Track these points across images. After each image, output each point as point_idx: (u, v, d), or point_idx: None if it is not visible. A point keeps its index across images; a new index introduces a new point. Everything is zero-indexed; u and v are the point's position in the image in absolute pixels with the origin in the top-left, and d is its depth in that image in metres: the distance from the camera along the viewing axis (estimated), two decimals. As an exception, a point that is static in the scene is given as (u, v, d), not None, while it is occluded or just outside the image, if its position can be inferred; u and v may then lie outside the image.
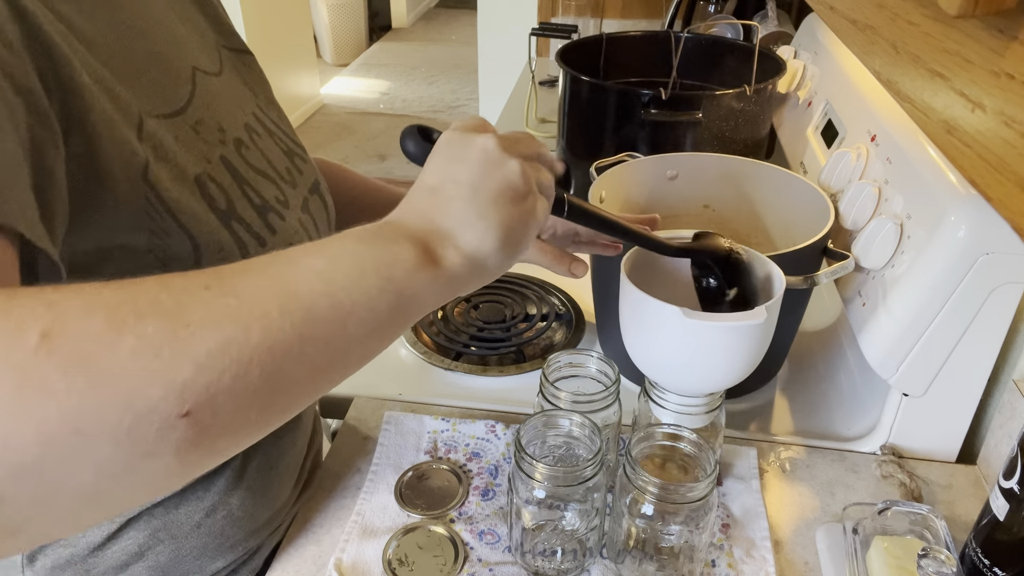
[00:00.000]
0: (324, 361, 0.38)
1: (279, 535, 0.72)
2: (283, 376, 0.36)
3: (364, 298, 0.39)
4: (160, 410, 0.31)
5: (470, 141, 0.47)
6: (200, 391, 0.32)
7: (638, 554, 0.65)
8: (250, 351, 0.34)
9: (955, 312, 0.70)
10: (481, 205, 0.45)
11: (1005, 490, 0.62)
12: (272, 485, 0.68)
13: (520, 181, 0.47)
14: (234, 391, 0.33)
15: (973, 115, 0.42)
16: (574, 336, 0.97)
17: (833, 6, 0.71)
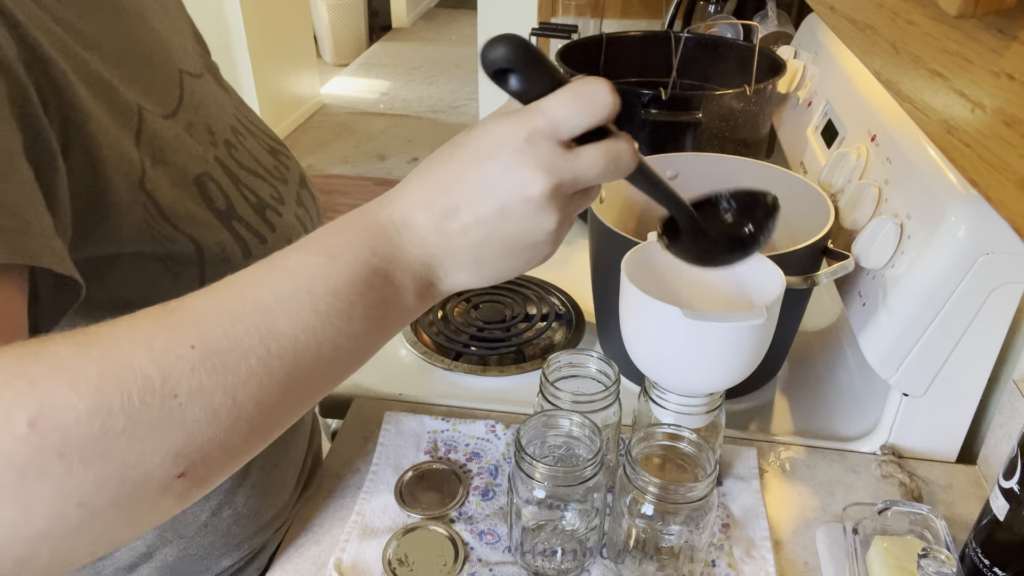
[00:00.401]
0: (307, 399, 0.39)
1: (283, 533, 0.72)
2: (270, 422, 0.37)
3: (351, 344, 0.39)
4: (156, 477, 0.33)
5: (523, 177, 0.39)
6: (193, 454, 0.34)
7: (638, 554, 0.65)
8: (238, 412, 0.35)
9: (955, 312, 0.70)
10: (487, 256, 0.41)
11: (1005, 490, 0.62)
12: (275, 483, 0.68)
13: (545, 239, 0.42)
14: (225, 445, 0.35)
15: (973, 115, 0.42)
16: (574, 336, 0.97)
17: (833, 6, 0.71)
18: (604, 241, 0.82)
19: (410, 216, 0.41)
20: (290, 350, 0.36)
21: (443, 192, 0.40)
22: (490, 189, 0.40)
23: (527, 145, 0.39)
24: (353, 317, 0.38)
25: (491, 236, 0.40)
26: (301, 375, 0.37)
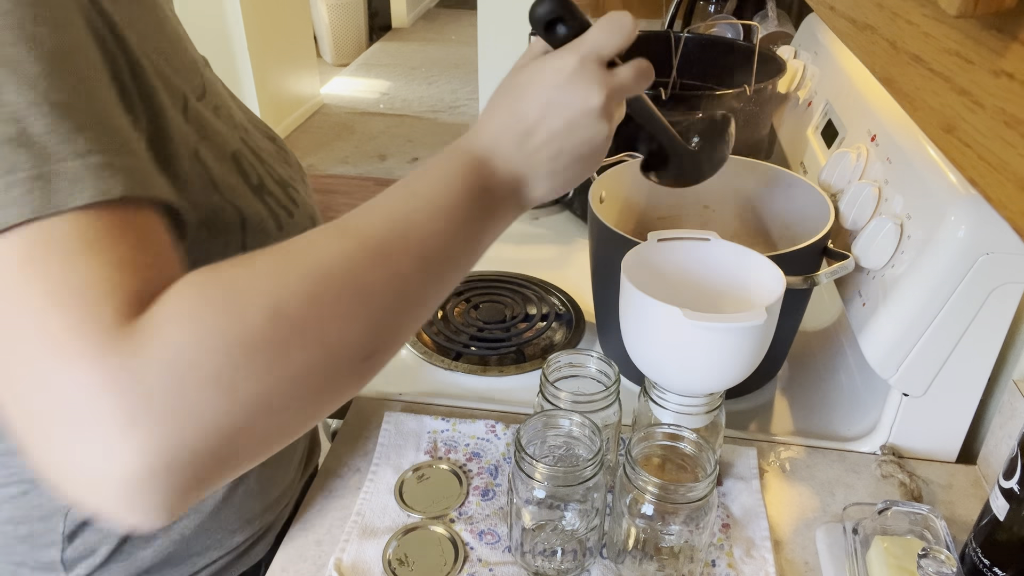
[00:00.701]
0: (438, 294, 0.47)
1: (287, 513, 0.75)
2: (420, 310, 0.46)
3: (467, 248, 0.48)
4: (353, 358, 0.41)
5: (584, 94, 0.49)
6: (377, 342, 0.42)
7: (638, 554, 0.65)
8: (405, 305, 0.44)
9: (955, 312, 0.70)
10: (561, 165, 0.51)
11: (1005, 490, 0.62)
12: (281, 463, 0.72)
13: (602, 144, 0.52)
14: (396, 332, 0.44)
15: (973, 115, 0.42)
16: (574, 336, 0.97)
17: (833, 6, 0.71)
18: (604, 241, 0.82)
19: (495, 143, 0.50)
20: (432, 250, 0.45)
21: (518, 119, 0.50)
22: (557, 108, 0.49)
23: (580, 68, 0.49)
24: (469, 225, 0.47)
25: (563, 148, 0.50)
26: (439, 272, 0.45)
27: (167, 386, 0.34)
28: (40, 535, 0.60)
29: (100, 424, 0.33)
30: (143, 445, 0.34)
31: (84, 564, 0.62)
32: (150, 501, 0.34)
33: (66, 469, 0.35)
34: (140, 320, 0.35)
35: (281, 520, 0.75)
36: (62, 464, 0.34)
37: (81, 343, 0.34)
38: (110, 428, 0.33)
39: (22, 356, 0.34)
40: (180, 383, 0.34)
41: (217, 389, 0.35)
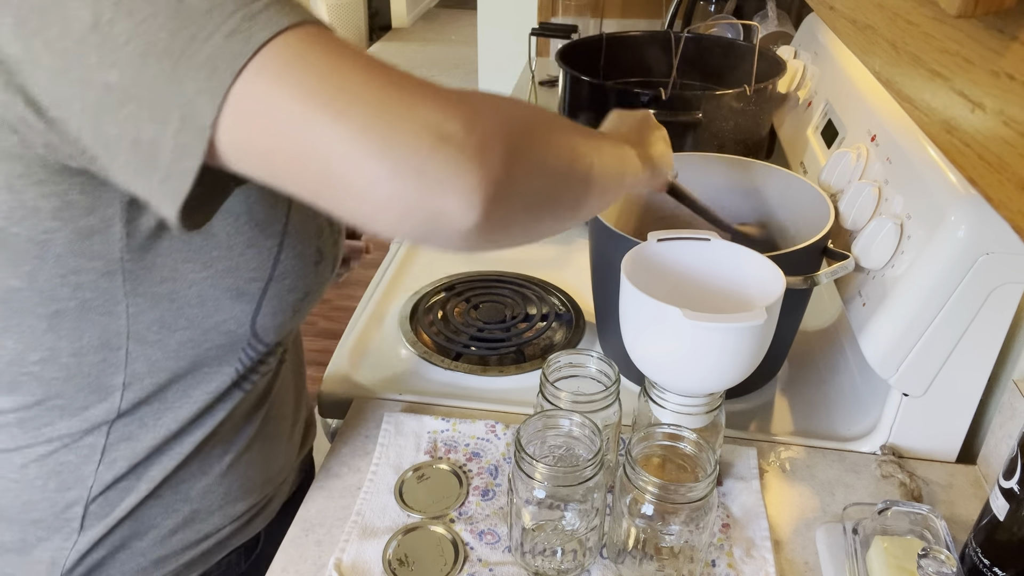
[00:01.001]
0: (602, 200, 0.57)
1: (285, 489, 0.78)
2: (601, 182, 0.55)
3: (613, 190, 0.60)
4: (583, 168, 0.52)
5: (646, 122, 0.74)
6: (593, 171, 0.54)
7: (638, 554, 0.65)
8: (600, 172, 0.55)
9: (955, 312, 0.70)
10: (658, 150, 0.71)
11: (1005, 490, 0.62)
12: (280, 436, 0.74)
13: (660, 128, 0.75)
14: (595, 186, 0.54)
15: (973, 115, 0.42)
16: (574, 336, 0.97)
17: (833, 6, 0.71)
18: (604, 241, 0.82)
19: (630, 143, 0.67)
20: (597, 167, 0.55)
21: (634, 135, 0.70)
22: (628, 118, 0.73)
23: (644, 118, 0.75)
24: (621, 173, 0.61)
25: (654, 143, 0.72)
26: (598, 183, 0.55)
27: (493, 116, 0.43)
28: (66, 492, 0.62)
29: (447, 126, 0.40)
30: (478, 138, 0.41)
31: (101, 524, 0.63)
32: (477, 176, 0.41)
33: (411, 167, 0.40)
34: (459, 92, 0.44)
35: (279, 496, 0.77)
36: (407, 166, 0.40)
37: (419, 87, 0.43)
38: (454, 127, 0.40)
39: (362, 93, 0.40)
40: (497, 108, 0.44)
41: (519, 122, 0.45)
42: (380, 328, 0.99)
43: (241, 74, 0.39)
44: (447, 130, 0.40)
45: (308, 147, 0.39)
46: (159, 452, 0.63)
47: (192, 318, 0.58)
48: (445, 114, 0.41)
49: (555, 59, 1.22)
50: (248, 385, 0.66)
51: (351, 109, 0.39)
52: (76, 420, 0.59)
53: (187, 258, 0.55)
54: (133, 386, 0.59)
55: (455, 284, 1.07)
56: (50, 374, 0.57)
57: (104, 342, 0.57)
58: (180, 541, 0.67)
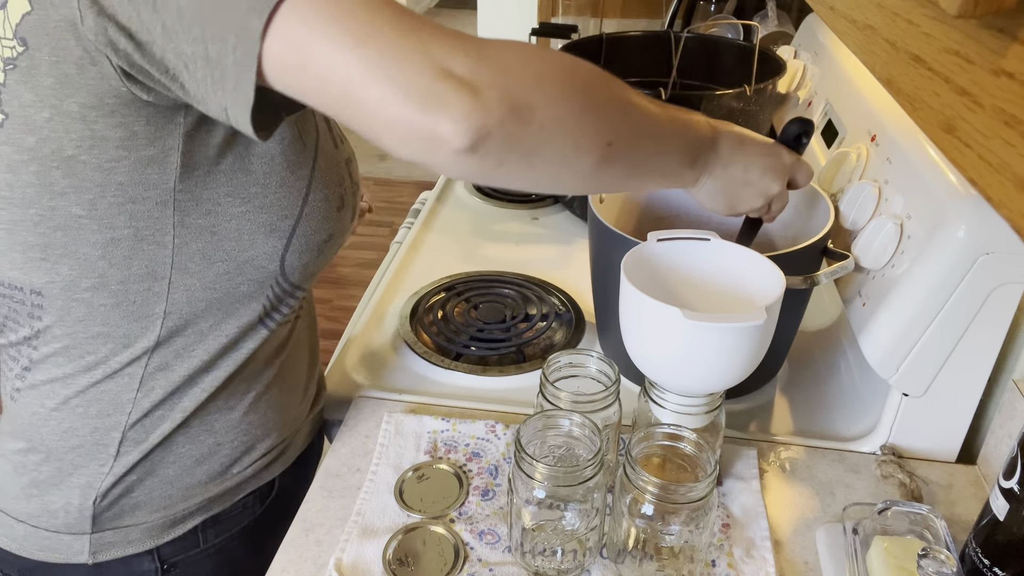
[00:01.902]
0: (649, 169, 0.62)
1: (300, 439, 0.81)
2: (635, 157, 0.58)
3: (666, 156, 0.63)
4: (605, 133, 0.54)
5: (778, 178, 0.70)
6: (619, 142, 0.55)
7: (638, 554, 0.65)
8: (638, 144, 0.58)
9: (955, 312, 0.70)
10: (726, 195, 0.69)
11: (1005, 490, 0.62)
12: (294, 388, 0.78)
13: (751, 207, 0.71)
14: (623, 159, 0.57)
15: (973, 115, 0.42)
16: (574, 336, 0.97)
17: (833, 6, 0.71)
18: (604, 241, 0.82)
19: (722, 143, 0.67)
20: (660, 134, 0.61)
21: (739, 149, 0.68)
22: (757, 170, 0.69)
23: (786, 170, 0.71)
24: (679, 146, 0.63)
25: (736, 186, 0.69)
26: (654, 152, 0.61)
27: (502, 60, 0.48)
28: (106, 419, 0.65)
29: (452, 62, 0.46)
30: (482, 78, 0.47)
31: (136, 450, 0.67)
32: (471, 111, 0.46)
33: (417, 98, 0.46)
34: (479, 39, 0.48)
35: (294, 446, 0.80)
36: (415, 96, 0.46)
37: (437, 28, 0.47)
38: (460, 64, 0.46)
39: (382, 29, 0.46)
40: (509, 58, 0.48)
41: (529, 73, 0.49)
42: (380, 328, 0.99)
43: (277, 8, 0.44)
44: (453, 69, 0.46)
45: (332, 68, 0.45)
46: (191, 383, 0.67)
47: (229, 251, 0.63)
48: (456, 57, 0.46)
49: (555, 59, 1.22)
50: (272, 323, 0.69)
51: (371, 40, 0.45)
52: (119, 348, 0.63)
53: (229, 192, 0.60)
54: (172, 315, 0.63)
55: (455, 284, 1.07)
56: (99, 300, 0.61)
57: (151, 271, 0.61)
58: (204, 473, 0.71)
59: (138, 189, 0.57)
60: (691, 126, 0.64)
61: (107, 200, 0.57)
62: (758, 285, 0.69)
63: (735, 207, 0.70)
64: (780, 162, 0.70)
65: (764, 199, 0.70)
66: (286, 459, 0.79)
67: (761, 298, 0.68)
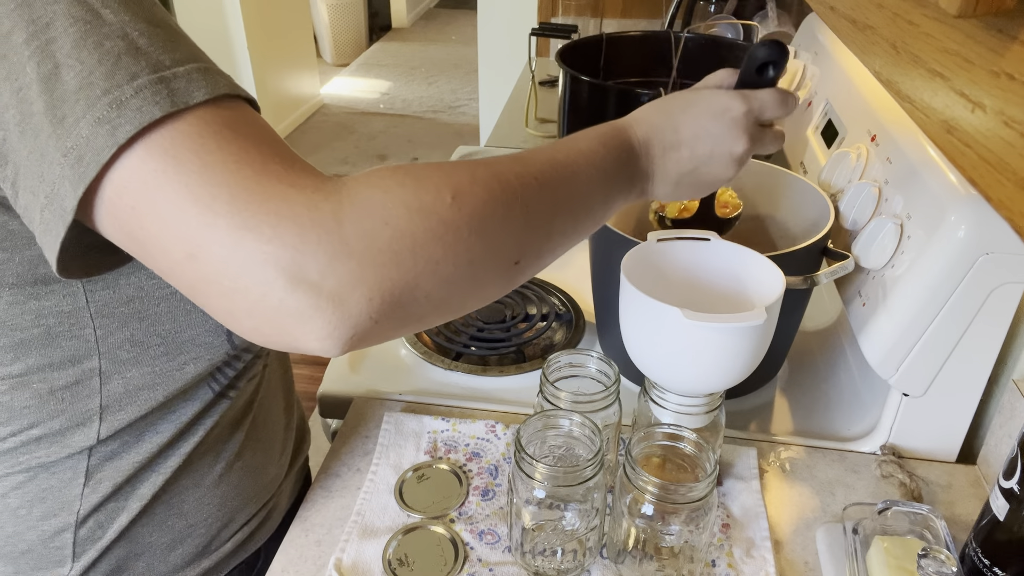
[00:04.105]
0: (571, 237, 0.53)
1: (284, 500, 0.77)
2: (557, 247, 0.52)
3: (598, 210, 0.55)
4: (508, 257, 0.46)
5: (736, 139, 0.59)
6: (529, 250, 0.48)
7: (638, 554, 0.65)
8: (550, 231, 0.50)
9: (955, 312, 0.70)
10: (688, 185, 0.60)
11: (1005, 490, 0.62)
12: (271, 446, 0.73)
13: (723, 183, 0.61)
14: (539, 252, 0.50)
15: (973, 115, 0.42)
16: (574, 336, 0.97)
17: (833, 6, 0.71)
18: (604, 241, 0.82)
19: (648, 140, 0.58)
20: (576, 197, 0.52)
21: (673, 130, 0.58)
22: (709, 138, 0.58)
23: (743, 116, 0.59)
24: (606, 191, 0.55)
25: (695, 170, 0.59)
26: (576, 216, 0.52)
27: (364, 237, 0.39)
28: (52, 519, 0.60)
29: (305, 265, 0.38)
30: (340, 281, 0.39)
31: (93, 548, 0.62)
32: (336, 324, 0.40)
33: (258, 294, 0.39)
34: (336, 183, 0.41)
35: (278, 510, 0.76)
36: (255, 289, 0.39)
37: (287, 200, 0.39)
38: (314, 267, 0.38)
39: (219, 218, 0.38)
40: (374, 234, 0.40)
41: (401, 245, 0.40)
42: (380, 328, 0.99)
43: (105, 169, 0.39)
44: (307, 271, 0.38)
45: (174, 263, 0.40)
46: (147, 468, 0.62)
47: (165, 334, 0.57)
48: (308, 250, 0.38)
49: (555, 59, 1.22)
50: (233, 393, 0.65)
51: (209, 239, 0.38)
52: (56, 447, 0.58)
53: (151, 275, 0.54)
54: (111, 408, 0.58)
55: (455, 284, 1.07)
56: (21, 402, 0.56)
57: (75, 365, 0.56)
58: (180, 557, 0.66)
59: (36, 287, 0.52)
60: (606, 150, 0.55)
61: (3, 302, 0.52)
62: (758, 285, 0.69)
63: (704, 190, 0.62)
64: (729, 118, 0.59)
65: (733, 166, 0.60)
66: (270, 525, 0.75)
67: (761, 298, 0.68)
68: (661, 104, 0.60)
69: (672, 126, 0.58)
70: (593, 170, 0.53)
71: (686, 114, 0.59)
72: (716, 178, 0.60)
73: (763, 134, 0.61)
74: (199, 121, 0.40)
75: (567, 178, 0.51)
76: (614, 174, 0.55)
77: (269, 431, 0.72)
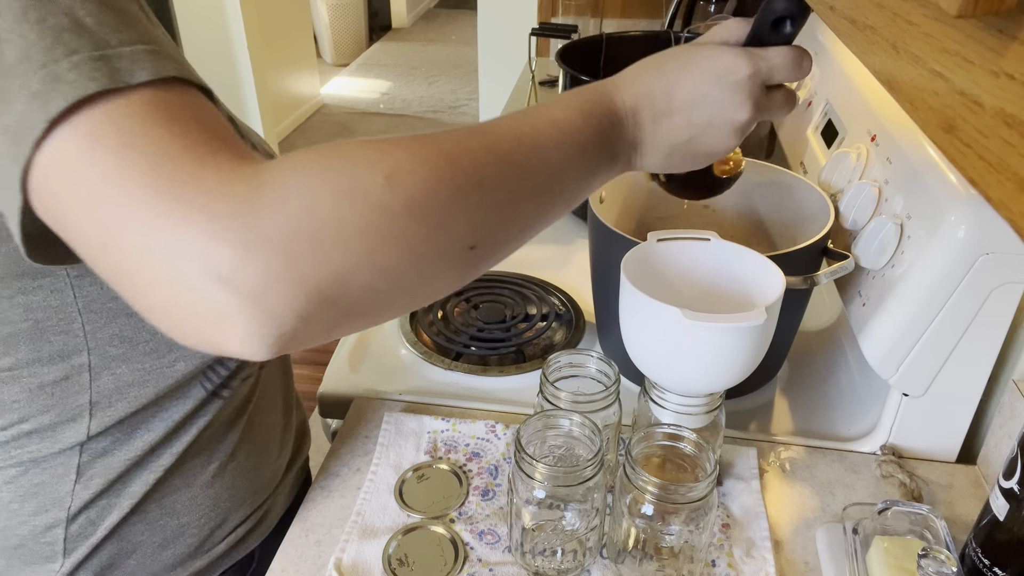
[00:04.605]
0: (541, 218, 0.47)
1: (281, 500, 0.76)
2: (522, 230, 0.46)
3: (576, 184, 0.49)
4: (460, 242, 0.41)
5: (742, 104, 0.52)
6: (486, 234, 0.42)
7: (638, 554, 0.65)
8: (514, 213, 0.44)
9: (955, 312, 0.70)
10: (682, 155, 0.54)
11: (1005, 490, 0.62)
12: (269, 446, 0.73)
13: (723, 153, 0.55)
14: (497, 236, 0.43)
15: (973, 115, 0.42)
16: (574, 336, 0.97)
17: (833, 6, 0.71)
18: (604, 241, 0.82)
19: (636, 106, 0.52)
20: (546, 174, 0.46)
21: (666, 95, 0.52)
22: (708, 104, 0.51)
23: (749, 79, 0.52)
24: (583, 167, 0.49)
25: (690, 140, 0.53)
26: (546, 196, 0.47)
27: (283, 225, 0.35)
28: (43, 514, 0.60)
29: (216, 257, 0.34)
30: (256, 274, 0.35)
31: (84, 545, 0.62)
32: (256, 323, 0.36)
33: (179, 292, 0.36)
34: (259, 167, 0.37)
35: (274, 511, 0.75)
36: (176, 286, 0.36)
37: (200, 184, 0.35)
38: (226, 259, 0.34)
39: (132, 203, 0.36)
40: (294, 221, 0.35)
41: (326, 234, 0.36)
42: (380, 328, 0.99)
43: (40, 144, 0.37)
44: (220, 266, 0.34)
45: (93, 251, 0.38)
46: (138, 466, 0.61)
47: (153, 330, 0.56)
48: (214, 237, 0.34)
49: (555, 59, 1.22)
50: (227, 392, 0.64)
51: (120, 227, 0.36)
52: (47, 442, 0.58)
53: None
54: (101, 404, 0.57)
55: (455, 284, 1.07)
56: (11, 397, 0.56)
57: (64, 362, 0.55)
58: (172, 557, 0.66)
59: (23, 281, 0.51)
60: (584, 120, 0.49)
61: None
62: (758, 285, 0.69)
63: (700, 162, 0.55)
64: (733, 80, 0.52)
65: (734, 135, 0.53)
66: (264, 528, 0.74)
67: (761, 298, 0.68)
68: (655, 61, 0.53)
69: (665, 89, 0.52)
70: (568, 144, 0.48)
71: (683, 75, 0.52)
72: (714, 149, 0.54)
73: (770, 99, 0.54)
74: (137, 102, 0.37)
75: (533, 153, 0.45)
76: (594, 149, 0.49)
77: (265, 432, 0.72)
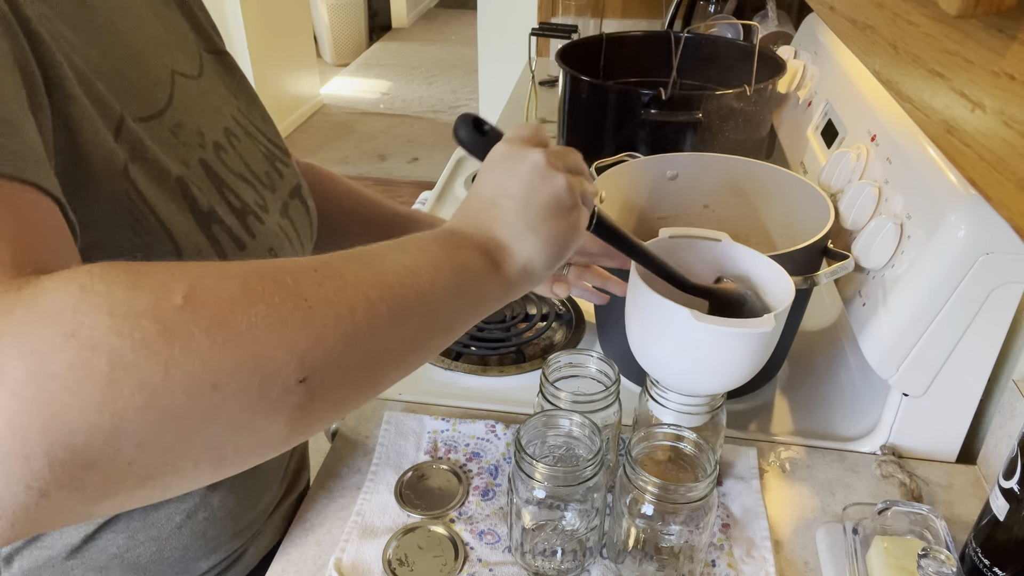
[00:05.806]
0: (408, 348, 0.42)
1: (266, 538, 0.72)
2: (377, 356, 0.40)
3: (444, 295, 0.44)
4: (283, 374, 0.34)
5: (522, 156, 0.51)
6: (316, 360, 0.35)
7: (638, 554, 0.65)
8: (354, 329, 0.38)
9: (955, 312, 0.70)
10: (533, 219, 0.50)
11: (1005, 490, 0.62)
12: (254, 486, 0.68)
13: (566, 196, 0.51)
14: (341, 364, 0.37)
15: (973, 115, 0.42)
16: (574, 336, 0.97)
17: (833, 6, 0.71)
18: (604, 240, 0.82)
19: (465, 217, 0.51)
20: (398, 285, 0.41)
21: (481, 198, 0.52)
22: (508, 176, 0.51)
23: (511, 145, 0.52)
24: (442, 284, 0.44)
25: (527, 203, 0.50)
26: (406, 316, 0.41)
27: (30, 352, 0.28)
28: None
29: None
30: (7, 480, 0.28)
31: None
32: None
33: None
34: (24, 281, 0.31)
35: (257, 546, 0.71)
36: None
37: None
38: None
39: None
40: (47, 352, 0.28)
41: (88, 370, 0.29)
42: (380, 328, 0.99)
43: None
44: None
45: None
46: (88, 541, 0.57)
47: None
48: None
49: (555, 59, 1.22)
50: None
51: None
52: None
53: None
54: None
55: (455, 284, 1.07)
56: None
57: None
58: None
59: None
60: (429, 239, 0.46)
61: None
62: (766, 289, 0.69)
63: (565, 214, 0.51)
64: (508, 148, 0.52)
65: (549, 171, 0.50)
66: (242, 567, 0.70)
67: (768, 302, 0.68)
68: (471, 189, 0.54)
69: (478, 198, 0.52)
70: (420, 254, 0.44)
71: (479, 186, 0.52)
72: (554, 194, 0.51)
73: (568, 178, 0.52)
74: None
75: (371, 275, 0.40)
76: (449, 256, 0.46)
77: (243, 476, 0.65)
